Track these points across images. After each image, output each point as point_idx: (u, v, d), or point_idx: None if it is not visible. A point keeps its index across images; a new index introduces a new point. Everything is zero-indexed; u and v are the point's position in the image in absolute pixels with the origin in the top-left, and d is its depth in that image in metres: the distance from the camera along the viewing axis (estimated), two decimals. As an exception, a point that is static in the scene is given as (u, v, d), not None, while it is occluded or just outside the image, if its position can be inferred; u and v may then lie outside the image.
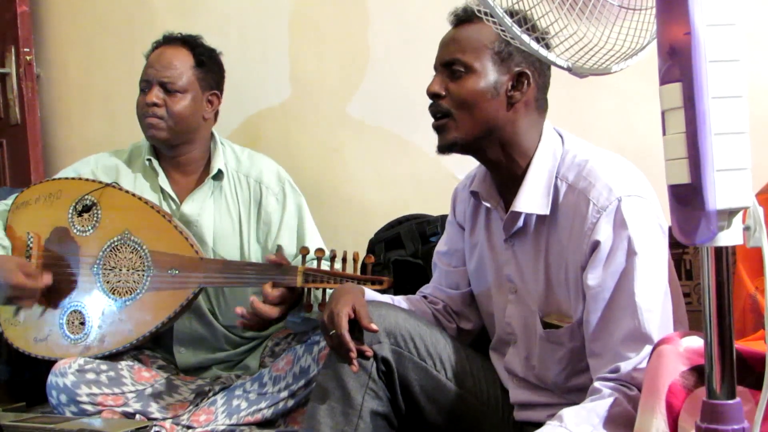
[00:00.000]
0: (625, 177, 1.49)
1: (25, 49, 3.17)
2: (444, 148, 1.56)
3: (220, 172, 2.21)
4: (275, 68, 2.76)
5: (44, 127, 3.26)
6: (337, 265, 1.88)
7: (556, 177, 1.53)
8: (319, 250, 1.89)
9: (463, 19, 1.56)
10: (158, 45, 2.26)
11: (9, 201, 2.25)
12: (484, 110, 1.52)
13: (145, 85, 2.20)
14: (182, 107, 2.18)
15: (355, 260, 1.85)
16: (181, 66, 2.19)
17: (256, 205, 2.21)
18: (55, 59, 3.27)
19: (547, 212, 1.52)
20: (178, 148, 2.22)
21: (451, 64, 1.54)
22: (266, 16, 2.78)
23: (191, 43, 2.24)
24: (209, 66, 2.25)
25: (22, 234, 2.17)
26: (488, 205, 1.63)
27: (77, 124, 3.23)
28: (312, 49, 2.70)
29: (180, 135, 2.19)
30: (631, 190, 1.45)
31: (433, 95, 1.55)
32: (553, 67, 1.58)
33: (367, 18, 2.60)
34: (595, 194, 1.46)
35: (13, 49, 3.16)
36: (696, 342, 1.21)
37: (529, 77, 1.53)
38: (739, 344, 1.20)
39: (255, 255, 2.22)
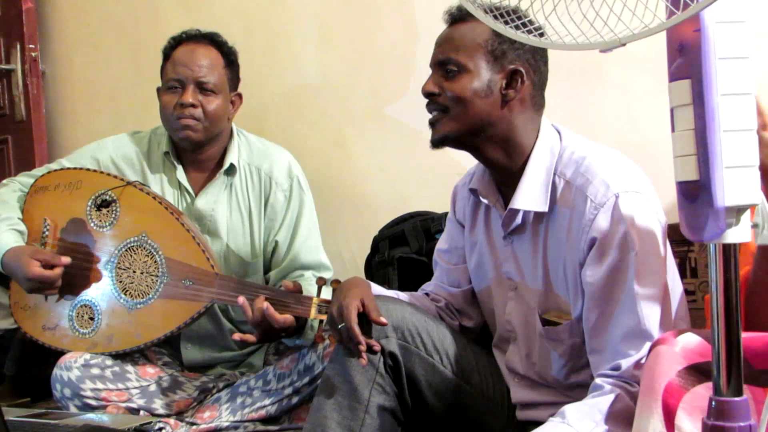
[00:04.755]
0: (623, 173, 1.48)
1: (30, 46, 3.17)
2: (437, 142, 1.57)
3: (232, 166, 2.20)
4: (279, 64, 2.77)
5: (49, 124, 3.26)
6: None
7: (554, 174, 1.53)
8: (335, 282, 1.86)
9: (458, 18, 1.56)
10: (181, 41, 2.19)
11: (27, 180, 2.22)
12: (478, 108, 1.52)
13: (178, 84, 2.13)
14: (216, 107, 2.15)
15: None
16: (215, 66, 2.16)
17: (264, 199, 2.21)
18: (60, 56, 3.27)
19: (546, 209, 1.52)
20: (202, 147, 2.20)
21: (445, 64, 1.54)
22: (270, 11, 2.78)
23: (218, 42, 2.20)
24: (235, 66, 2.23)
25: (39, 219, 2.15)
26: (487, 202, 1.64)
27: (82, 120, 3.24)
28: (316, 45, 2.70)
29: (210, 135, 2.17)
30: (629, 186, 1.45)
31: (427, 95, 1.55)
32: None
33: (373, 13, 2.60)
34: (592, 191, 1.46)
35: (18, 46, 3.17)
36: (692, 340, 1.20)
37: (523, 75, 1.53)
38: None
39: (263, 248, 2.22)
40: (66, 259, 2.02)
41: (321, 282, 1.86)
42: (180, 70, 2.14)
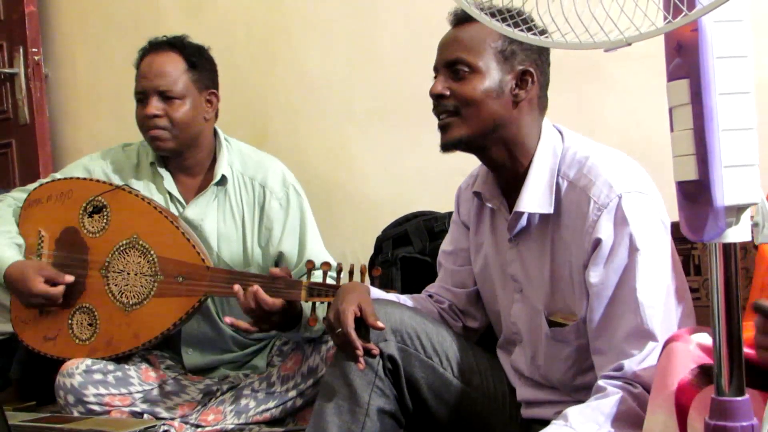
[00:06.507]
0: (626, 173, 1.48)
1: (33, 49, 3.18)
2: (448, 146, 1.55)
3: (224, 177, 2.18)
4: (282, 66, 2.77)
5: (53, 127, 3.27)
6: (345, 279, 1.86)
7: (558, 175, 1.53)
8: (325, 264, 1.86)
9: (464, 18, 1.55)
10: (146, 53, 2.20)
11: (21, 195, 2.24)
12: (491, 109, 1.51)
13: (142, 96, 2.15)
14: (183, 113, 2.13)
15: (362, 273, 1.82)
16: (175, 71, 2.14)
17: (259, 209, 2.18)
18: (63, 59, 3.28)
19: (551, 211, 1.52)
20: (184, 154, 2.18)
21: (454, 64, 1.52)
22: (272, 14, 2.78)
23: (179, 46, 2.18)
24: (201, 66, 2.19)
25: (33, 232, 2.17)
26: (491, 205, 1.63)
27: (86, 123, 3.24)
28: (319, 46, 2.70)
29: (186, 141, 2.16)
30: (632, 187, 1.45)
31: (437, 96, 1.54)
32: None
33: (375, 14, 2.60)
34: (595, 192, 1.45)
35: (21, 50, 3.18)
36: (707, 339, 1.20)
37: (533, 75, 1.52)
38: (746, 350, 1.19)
39: (258, 259, 2.20)
40: (69, 278, 2.07)
41: (310, 265, 1.87)
42: (142, 82, 2.15)
